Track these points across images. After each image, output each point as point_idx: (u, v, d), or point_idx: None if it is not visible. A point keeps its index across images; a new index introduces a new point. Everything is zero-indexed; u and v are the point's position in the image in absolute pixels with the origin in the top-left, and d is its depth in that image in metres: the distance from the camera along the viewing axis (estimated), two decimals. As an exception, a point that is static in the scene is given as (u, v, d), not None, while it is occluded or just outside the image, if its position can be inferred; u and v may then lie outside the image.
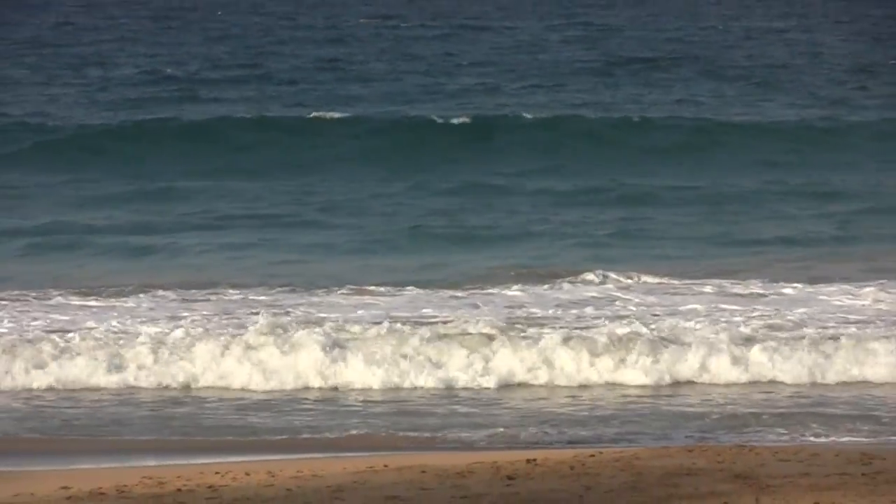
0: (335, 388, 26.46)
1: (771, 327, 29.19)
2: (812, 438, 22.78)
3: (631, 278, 34.24)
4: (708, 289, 33.21)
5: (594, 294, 33.01)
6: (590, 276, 34.24)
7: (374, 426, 23.94)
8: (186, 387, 26.43)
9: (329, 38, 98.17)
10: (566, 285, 33.91)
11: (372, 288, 33.53)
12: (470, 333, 27.58)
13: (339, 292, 33.20)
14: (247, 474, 19.41)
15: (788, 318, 30.12)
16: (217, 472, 19.50)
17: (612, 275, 34.35)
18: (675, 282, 34.19)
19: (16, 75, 76.72)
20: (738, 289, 33.30)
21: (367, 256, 38.96)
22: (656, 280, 34.26)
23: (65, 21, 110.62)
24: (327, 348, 27.02)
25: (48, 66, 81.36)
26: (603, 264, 35.63)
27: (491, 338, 27.40)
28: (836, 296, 32.34)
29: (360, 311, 31.08)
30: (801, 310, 31.06)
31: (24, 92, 71.02)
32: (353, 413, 24.99)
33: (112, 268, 37.44)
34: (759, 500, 17.89)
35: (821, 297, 32.45)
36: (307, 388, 26.48)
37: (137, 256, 38.88)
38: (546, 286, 33.89)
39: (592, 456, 20.48)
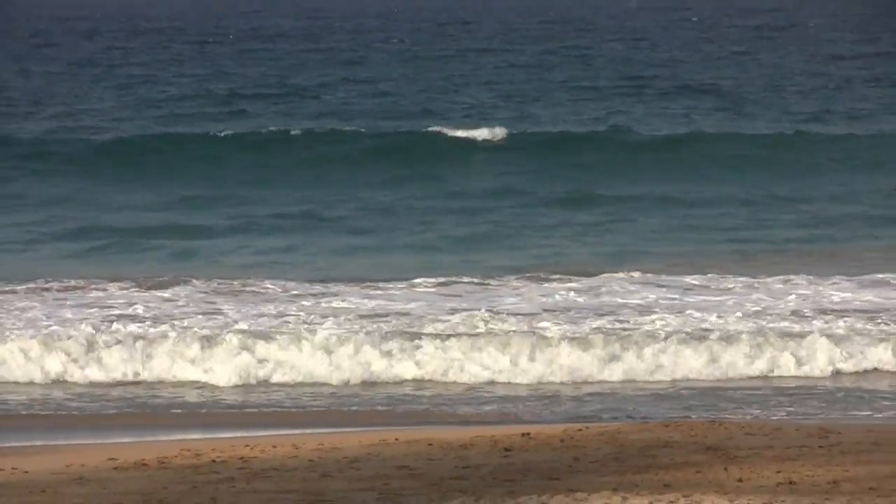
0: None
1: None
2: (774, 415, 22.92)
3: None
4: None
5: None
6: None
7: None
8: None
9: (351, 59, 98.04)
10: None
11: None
12: None
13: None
14: (273, 447, 19.51)
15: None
16: (247, 445, 19.60)
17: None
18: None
19: (67, 90, 76.25)
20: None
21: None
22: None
23: (112, 46, 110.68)
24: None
25: (99, 82, 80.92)
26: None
27: None
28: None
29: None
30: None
31: (76, 104, 70.21)
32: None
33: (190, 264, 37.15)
34: (727, 470, 17.93)
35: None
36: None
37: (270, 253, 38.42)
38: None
39: (580, 430, 20.58)
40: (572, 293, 31.23)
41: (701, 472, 17.86)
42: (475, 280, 32.88)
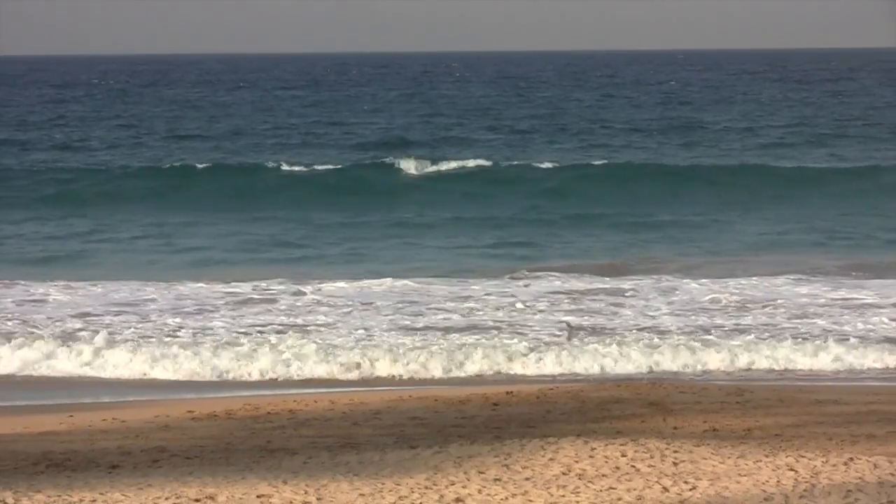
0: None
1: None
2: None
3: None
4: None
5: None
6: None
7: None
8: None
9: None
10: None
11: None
12: None
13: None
14: (315, 402, 19.71)
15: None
16: (294, 401, 19.82)
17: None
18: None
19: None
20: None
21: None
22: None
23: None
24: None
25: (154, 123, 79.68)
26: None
27: None
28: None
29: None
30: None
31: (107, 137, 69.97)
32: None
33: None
34: (665, 420, 18.16)
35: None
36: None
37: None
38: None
39: (551, 389, 20.73)
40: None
41: (645, 421, 18.06)
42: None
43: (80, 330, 26.46)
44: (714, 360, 24.06)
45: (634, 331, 26.30)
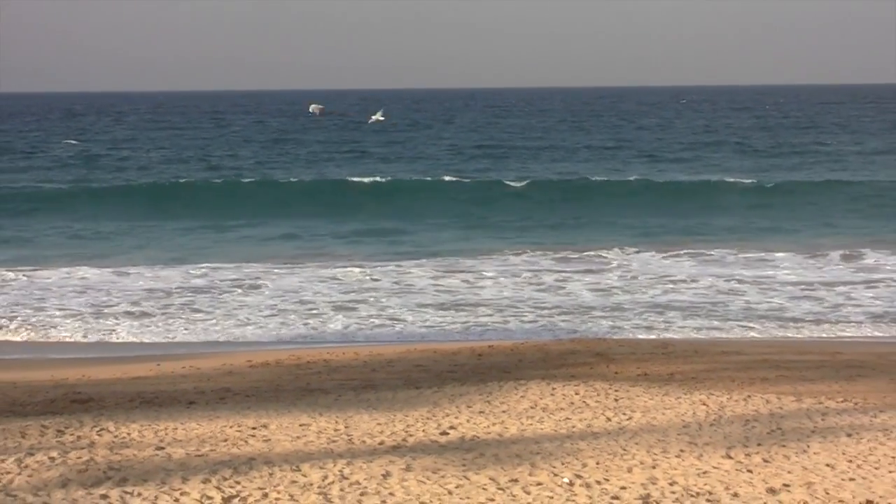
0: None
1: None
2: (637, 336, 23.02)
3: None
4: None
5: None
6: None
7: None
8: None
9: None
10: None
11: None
12: None
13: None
14: (343, 353, 19.76)
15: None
16: (328, 353, 19.87)
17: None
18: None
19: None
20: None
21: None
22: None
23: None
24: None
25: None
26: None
27: None
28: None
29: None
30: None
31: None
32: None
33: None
34: (608, 367, 18.19)
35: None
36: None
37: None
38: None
39: (522, 344, 20.79)
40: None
41: (593, 368, 18.12)
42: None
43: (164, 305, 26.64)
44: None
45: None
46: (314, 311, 25.25)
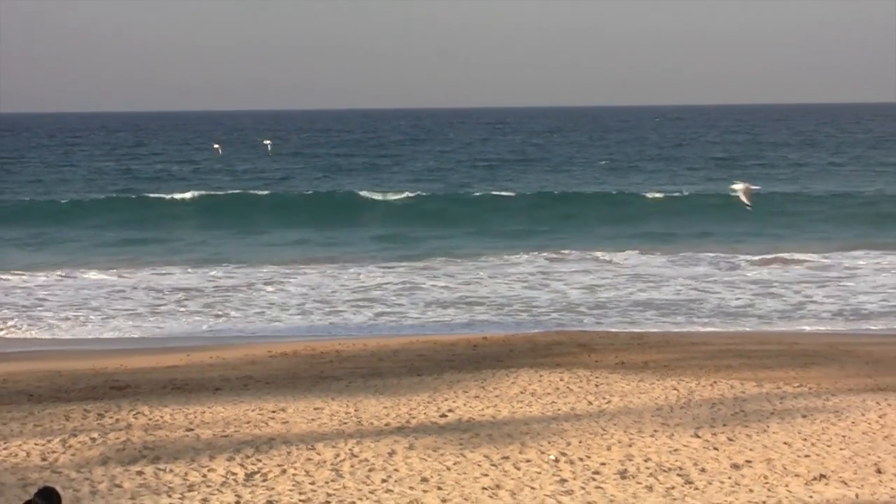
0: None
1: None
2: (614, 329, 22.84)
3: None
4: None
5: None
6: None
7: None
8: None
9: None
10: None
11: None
12: None
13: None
14: (353, 345, 19.68)
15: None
16: (340, 344, 19.79)
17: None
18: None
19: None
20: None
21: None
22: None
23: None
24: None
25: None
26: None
27: None
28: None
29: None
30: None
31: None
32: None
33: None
34: (590, 356, 18.15)
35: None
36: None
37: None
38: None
39: (513, 335, 20.68)
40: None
41: (576, 357, 18.07)
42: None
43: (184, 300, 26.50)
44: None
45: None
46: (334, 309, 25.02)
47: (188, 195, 49.33)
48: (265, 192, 51.55)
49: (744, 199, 19.71)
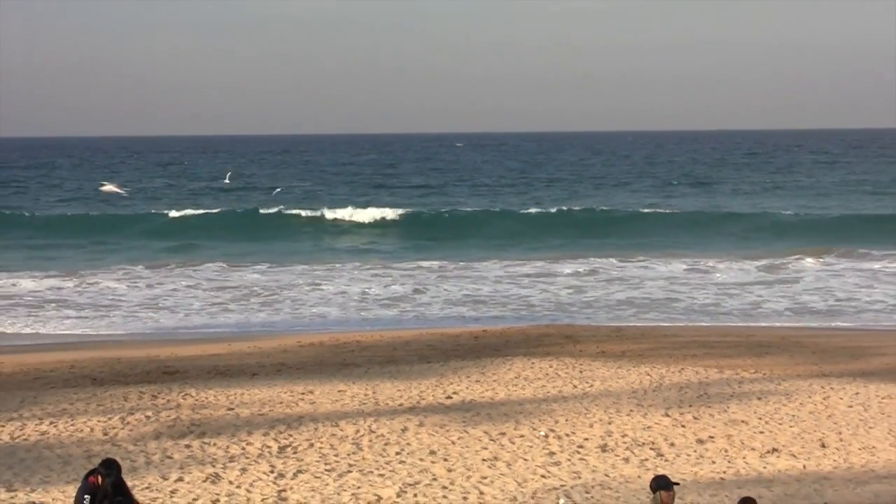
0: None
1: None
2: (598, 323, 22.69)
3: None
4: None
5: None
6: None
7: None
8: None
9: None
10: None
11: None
12: None
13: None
14: (371, 336, 19.51)
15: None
16: (360, 335, 19.61)
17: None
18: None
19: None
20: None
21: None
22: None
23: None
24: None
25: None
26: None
27: None
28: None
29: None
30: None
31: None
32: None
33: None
34: (575, 346, 17.98)
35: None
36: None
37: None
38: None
39: (509, 328, 20.44)
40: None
41: (563, 347, 17.94)
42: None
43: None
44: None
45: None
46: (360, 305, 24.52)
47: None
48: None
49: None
